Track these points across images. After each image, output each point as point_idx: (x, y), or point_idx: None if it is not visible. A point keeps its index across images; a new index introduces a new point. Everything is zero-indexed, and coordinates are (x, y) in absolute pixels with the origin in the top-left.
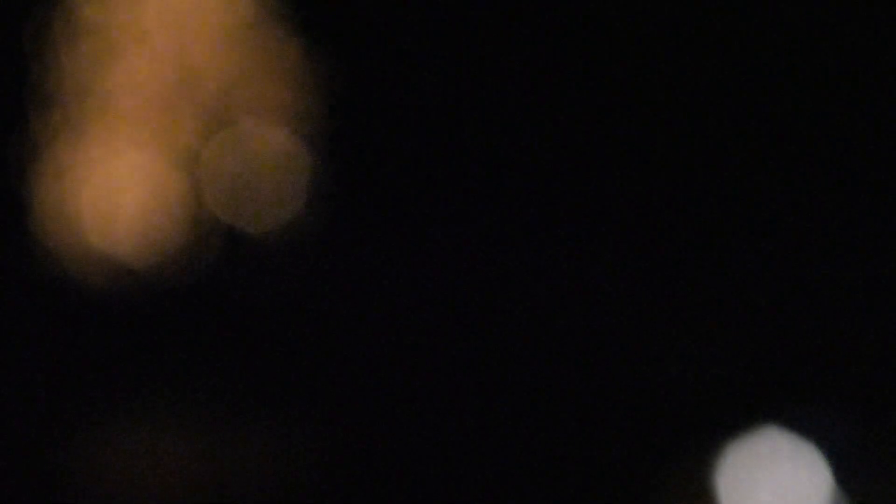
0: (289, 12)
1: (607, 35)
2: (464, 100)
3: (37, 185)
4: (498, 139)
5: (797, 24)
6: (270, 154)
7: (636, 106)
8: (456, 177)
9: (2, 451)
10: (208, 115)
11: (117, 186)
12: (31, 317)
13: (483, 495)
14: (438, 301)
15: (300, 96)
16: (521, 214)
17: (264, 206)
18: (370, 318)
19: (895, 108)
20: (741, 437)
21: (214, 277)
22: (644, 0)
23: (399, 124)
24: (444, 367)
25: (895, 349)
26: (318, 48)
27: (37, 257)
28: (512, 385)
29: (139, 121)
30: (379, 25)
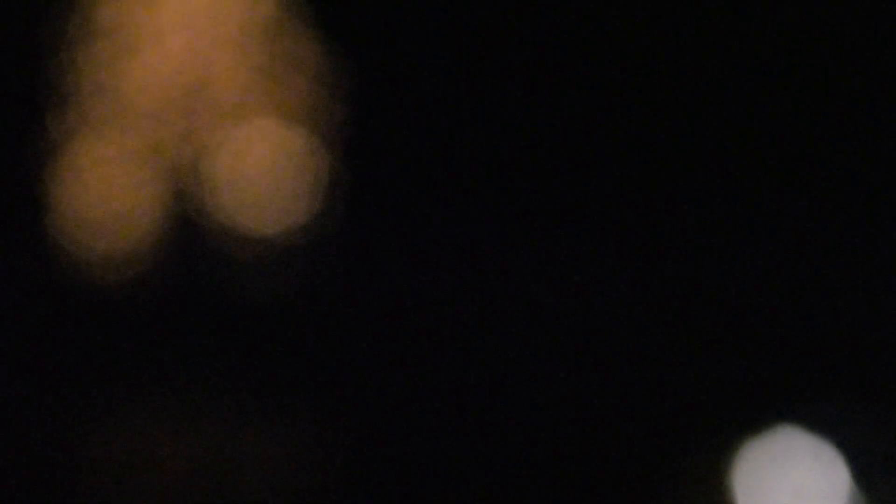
0: (303, 13)
1: (611, 36)
2: (480, 102)
3: (51, 183)
4: (515, 140)
5: (797, 25)
6: (284, 154)
7: (639, 107)
8: (471, 179)
9: (2, 451)
10: (223, 114)
11: (130, 185)
12: (39, 314)
13: (492, 496)
14: (444, 301)
15: (315, 96)
16: (531, 218)
17: (278, 206)
18: (377, 319)
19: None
20: (758, 436)
21: (225, 277)
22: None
23: (414, 125)
24: (464, 369)
25: None
26: (332, 48)
27: (48, 255)
28: (530, 386)
29: (154, 120)
30: (394, 26)
